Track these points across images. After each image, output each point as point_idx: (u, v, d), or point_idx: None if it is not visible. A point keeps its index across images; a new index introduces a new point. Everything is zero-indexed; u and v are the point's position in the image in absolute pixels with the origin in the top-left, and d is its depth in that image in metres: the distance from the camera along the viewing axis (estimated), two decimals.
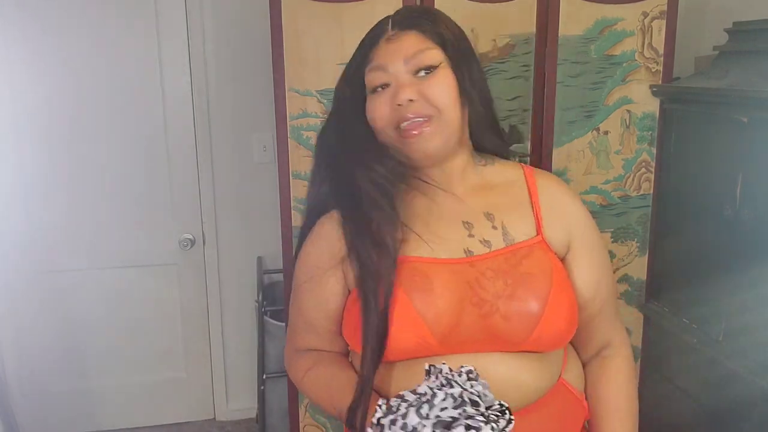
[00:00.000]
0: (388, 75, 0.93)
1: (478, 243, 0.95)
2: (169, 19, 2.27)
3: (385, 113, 0.93)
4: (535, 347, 0.92)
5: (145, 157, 2.35)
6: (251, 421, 2.59)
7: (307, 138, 1.70)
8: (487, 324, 0.90)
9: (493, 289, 0.91)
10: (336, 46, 1.65)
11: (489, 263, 0.93)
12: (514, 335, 0.90)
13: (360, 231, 0.93)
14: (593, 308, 1.02)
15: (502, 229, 0.97)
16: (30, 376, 2.43)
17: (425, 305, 0.89)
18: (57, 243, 2.35)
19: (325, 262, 0.99)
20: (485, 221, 0.97)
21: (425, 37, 0.93)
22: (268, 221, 2.33)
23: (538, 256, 0.95)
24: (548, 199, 1.00)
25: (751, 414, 1.46)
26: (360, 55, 0.98)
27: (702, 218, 1.65)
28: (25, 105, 2.23)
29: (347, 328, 0.99)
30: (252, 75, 2.32)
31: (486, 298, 0.90)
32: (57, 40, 2.20)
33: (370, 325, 0.89)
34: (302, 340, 1.06)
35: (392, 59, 0.92)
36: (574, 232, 1.01)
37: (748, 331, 1.50)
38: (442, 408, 0.76)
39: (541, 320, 0.90)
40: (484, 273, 0.92)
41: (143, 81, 2.29)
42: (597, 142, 1.82)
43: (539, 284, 0.92)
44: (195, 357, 2.56)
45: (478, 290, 0.91)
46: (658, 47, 1.79)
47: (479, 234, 0.95)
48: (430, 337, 0.88)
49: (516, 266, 0.93)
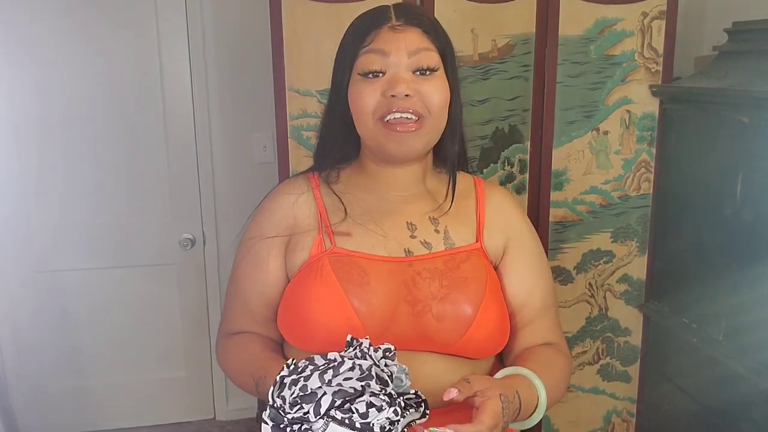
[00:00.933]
0: (386, 63, 0.91)
1: (419, 244, 0.97)
2: (169, 19, 2.27)
3: (372, 101, 0.92)
4: (465, 351, 0.94)
5: (145, 157, 2.34)
6: (251, 421, 2.59)
7: (307, 138, 1.70)
8: (419, 323, 0.91)
9: (428, 289, 0.93)
10: (336, 46, 1.64)
11: (427, 264, 0.95)
12: (446, 336, 0.92)
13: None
14: (525, 315, 1.03)
15: (444, 234, 0.99)
16: (30, 375, 2.43)
17: (359, 300, 0.90)
18: (57, 243, 2.34)
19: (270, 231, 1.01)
20: (429, 224, 0.99)
21: (428, 38, 0.93)
22: None
23: (475, 262, 0.97)
24: (492, 210, 1.04)
25: (751, 414, 1.46)
26: (356, 36, 0.95)
27: (702, 218, 1.65)
28: (25, 104, 2.23)
29: (282, 318, 0.99)
30: (252, 75, 2.32)
31: (420, 297, 0.92)
32: (56, 41, 2.20)
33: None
34: (236, 322, 1.05)
35: (396, 48, 0.91)
36: (511, 240, 1.04)
37: (748, 331, 1.50)
38: (347, 378, 0.73)
39: (473, 324, 0.92)
40: (421, 273, 0.94)
41: (143, 81, 2.29)
42: (597, 142, 1.83)
43: (474, 289, 0.94)
44: (195, 357, 2.55)
45: (413, 289, 0.93)
46: (657, 47, 1.79)
47: (421, 235, 0.98)
48: (362, 330, 0.89)
49: (453, 270, 0.95)
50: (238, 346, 1.03)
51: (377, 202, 1.00)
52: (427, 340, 0.92)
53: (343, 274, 0.92)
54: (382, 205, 1.00)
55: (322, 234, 0.97)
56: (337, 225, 0.97)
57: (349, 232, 0.96)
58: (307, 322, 0.92)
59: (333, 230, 0.97)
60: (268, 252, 1.00)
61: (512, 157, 1.81)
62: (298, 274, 0.97)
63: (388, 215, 0.99)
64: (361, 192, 1.01)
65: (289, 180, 1.07)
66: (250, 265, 1.02)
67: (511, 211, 1.06)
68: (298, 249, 0.98)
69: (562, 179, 1.83)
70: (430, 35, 0.94)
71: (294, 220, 1.00)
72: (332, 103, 1.00)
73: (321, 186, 1.02)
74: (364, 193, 1.01)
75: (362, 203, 1.00)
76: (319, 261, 0.94)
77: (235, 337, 1.04)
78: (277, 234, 0.99)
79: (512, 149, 1.81)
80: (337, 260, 0.93)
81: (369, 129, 0.93)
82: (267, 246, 1.00)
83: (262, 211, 1.04)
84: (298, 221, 1.00)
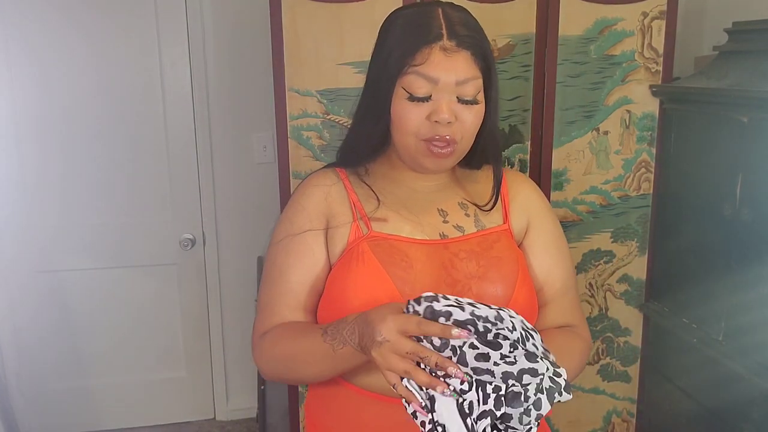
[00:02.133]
0: (435, 89, 0.91)
1: (452, 228, 1.00)
2: (169, 20, 2.27)
3: (417, 123, 0.92)
4: None
5: (146, 157, 2.35)
6: (251, 421, 2.59)
7: (307, 138, 1.71)
8: None
9: (466, 269, 0.95)
10: (336, 46, 1.65)
11: (462, 245, 0.98)
12: None
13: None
14: (544, 295, 1.06)
15: (474, 217, 1.02)
16: (30, 375, 2.43)
17: (404, 283, 0.91)
18: (57, 243, 2.35)
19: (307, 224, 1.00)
20: (459, 209, 1.02)
21: (475, 63, 0.93)
22: (268, 221, 2.32)
23: (505, 242, 1.01)
24: (515, 192, 1.07)
25: (751, 414, 1.46)
26: (405, 46, 0.92)
27: (702, 218, 1.65)
28: (25, 105, 2.23)
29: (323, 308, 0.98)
30: (252, 75, 2.32)
31: (459, 278, 0.95)
32: (57, 41, 2.20)
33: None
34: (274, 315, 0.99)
35: (446, 75, 0.90)
36: (532, 220, 1.07)
37: (748, 331, 1.50)
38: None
39: (510, 302, 0.94)
40: (458, 254, 0.96)
41: (143, 81, 2.29)
42: (597, 142, 1.83)
43: (508, 268, 0.97)
44: (195, 357, 2.56)
45: (452, 271, 0.95)
46: (657, 47, 1.79)
47: (453, 220, 1.01)
48: None
49: (487, 249, 0.98)
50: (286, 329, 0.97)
51: (407, 193, 1.02)
52: None
53: (386, 257, 0.93)
54: (411, 195, 1.02)
55: (357, 221, 0.98)
56: (372, 212, 0.99)
57: (385, 218, 0.98)
58: (350, 307, 0.91)
59: (369, 217, 0.98)
60: (313, 242, 0.99)
61: (512, 157, 1.81)
62: (337, 263, 0.97)
63: (418, 203, 1.01)
64: (390, 183, 1.03)
65: (317, 173, 1.06)
66: (295, 258, 0.99)
67: (532, 193, 1.09)
68: (336, 239, 0.98)
69: (562, 179, 1.83)
70: (478, 59, 0.93)
71: (328, 210, 1.00)
72: (368, 102, 0.99)
73: (350, 177, 1.03)
74: (392, 185, 1.02)
75: (392, 193, 1.02)
76: (359, 246, 0.95)
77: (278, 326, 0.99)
78: (316, 225, 1.00)
79: (512, 149, 1.81)
80: (377, 244, 0.95)
81: (408, 144, 0.95)
82: (310, 237, 0.99)
83: (294, 207, 1.03)
84: (332, 211, 1.00)
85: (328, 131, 1.71)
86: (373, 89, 0.96)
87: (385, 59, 0.93)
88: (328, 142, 1.71)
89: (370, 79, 0.98)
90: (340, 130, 1.71)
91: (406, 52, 0.91)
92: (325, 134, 1.71)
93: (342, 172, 1.04)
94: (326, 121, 1.70)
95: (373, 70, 0.98)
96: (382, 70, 0.93)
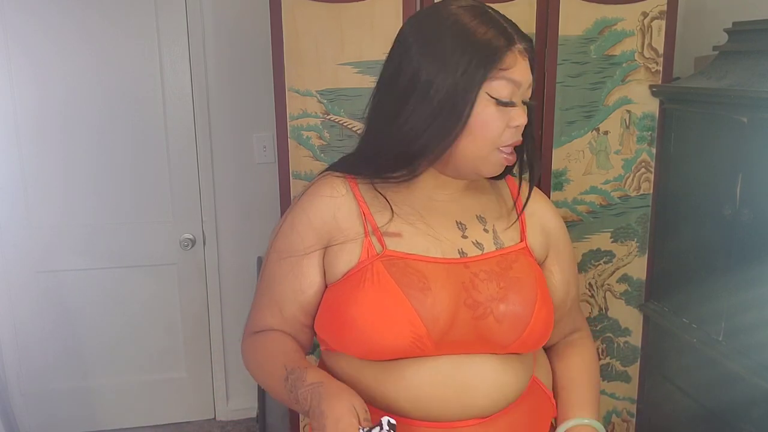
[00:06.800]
0: (517, 94, 0.89)
1: (471, 244, 0.95)
2: (169, 20, 2.27)
3: (500, 129, 0.89)
4: (518, 349, 0.94)
5: (146, 157, 2.35)
6: (251, 421, 2.59)
7: (307, 138, 1.71)
8: (479, 326, 0.90)
9: (487, 291, 0.91)
10: (336, 46, 1.65)
11: (482, 265, 0.93)
12: (504, 338, 0.91)
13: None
14: (564, 308, 1.06)
15: (493, 233, 0.98)
16: (30, 375, 2.43)
17: (422, 305, 0.87)
18: (57, 243, 2.35)
19: (310, 240, 0.95)
20: (477, 223, 0.98)
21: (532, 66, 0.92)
22: (268, 221, 2.32)
23: (523, 261, 0.97)
24: (530, 209, 1.03)
25: (751, 414, 1.46)
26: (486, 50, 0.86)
27: (702, 218, 1.65)
28: (25, 105, 2.23)
29: (324, 326, 0.96)
30: (252, 75, 2.32)
31: (480, 300, 0.90)
32: (57, 41, 2.20)
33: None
34: (265, 323, 1.00)
35: (525, 80, 0.89)
36: (551, 240, 1.05)
37: (748, 331, 1.50)
38: None
39: (530, 324, 0.92)
40: (478, 275, 0.92)
41: (143, 81, 2.29)
42: (597, 142, 1.83)
43: (528, 289, 0.93)
44: (195, 357, 2.56)
45: (472, 292, 0.91)
46: (657, 47, 1.79)
47: (472, 235, 0.96)
48: (427, 337, 0.87)
49: (507, 270, 0.94)
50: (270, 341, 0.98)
51: (422, 201, 0.96)
52: (484, 342, 0.91)
53: (402, 278, 0.88)
54: (428, 204, 0.96)
55: (369, 236, 0.92)
56: (384, 226, 0.93)
57: (399, 233, 0.92)
58: (363, 330, 0.88)
59: (381, 232, 0.93)
60: (308, 260, 0.95)
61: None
62: (346, 281, 0.92)
63: (435, 214, 0.96)
64: (404, 190, 0.96)
65: (324, 180, 0.98)
66: (286, 271, 0.96)
67: (548, 211, 1.07)
68: (343, 255, 0.93)
69: (562, 179, 1.83)
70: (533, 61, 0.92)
71: (335, 223, 0.94)
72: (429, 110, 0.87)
73: (360, 185, 0.96)
74: (407, 192, 0.96)
75: (407, 201, 0.95)
76: (373, 266, 0.90)
77: (265, 333, 1.00)
78: (317, 240, 0.95)
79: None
80: (392, 264, 0.90)
81: (481, 153, 0.89)
82: (306, 260, 0.95)
83: (300, 218, 0.96)
84: (340, 225, 0.94)
85: (328, 131, 1.71)
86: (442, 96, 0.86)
87: (465, 63, 0.85)
88: (328, 142, 1.71)
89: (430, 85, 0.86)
90: (340, 130, 1.71)
91: (492, 55, 0.85)
92: (325, 134, 1.71)
93: (351, 179, 0.97)
94: (326, 121, 1.70)
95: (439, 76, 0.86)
96: (462, 75, 0.85)
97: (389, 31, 1.70)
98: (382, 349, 0.88)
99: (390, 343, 0.87)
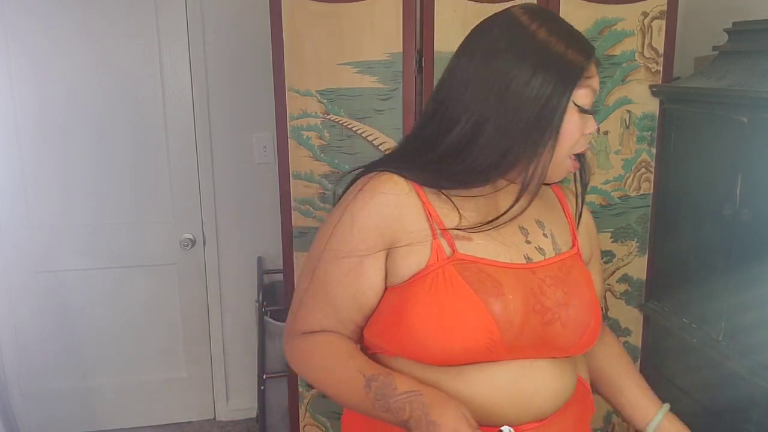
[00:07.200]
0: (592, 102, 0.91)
1: (534, 250, 0.95)
2: (170, 20, 2.27)
3: (579, 136, 0.90)
4: (576, 352, 0.96)
5: (146, 157, 2.35)
6: (251, 421, 2.59)
7: (307, 138, 1.71)
8: (545, 331, 0.90)
9: (554, 297, 0.91)
10: (336, 46, 1.65)
11: (547, 271, 0.93)
12: (566, 342, 0.92)
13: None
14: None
15: (552, 238, 0.98)
16: (30, 375, 2.43)
17: (498, 310, 0.86)
18: (57, 243, 2.35)
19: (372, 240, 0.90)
20: (537, 228, 0.97)
21: None
22: (268, 221, 2.33)
23: (579, 267, 0.98)
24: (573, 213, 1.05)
25: (751, 414, 1.46)
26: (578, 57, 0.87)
27: (702, 218, 1.65)
28: (26, 104, 2.23)
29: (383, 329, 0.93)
30: (252, 75, 2.32)
31: (549, 306, 0.90)
32: (57, 41, 2.20)
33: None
34: (317, 323, 0.95)
35: (597, 88, 0.91)
36: (593, 244, 1.08)
37: (748, 331, 1.50)
38: None
39: (589, 327, 0.94)
40: (545, 280, 0.92)
41: (144, 81, 2.29)
42: (597, 142, 1.82)
43: (587, 294, 0.95)
44: (195, 357, 2.56)
45: (541, 298, 0.90)
46: (658, 47, 1.79)
47: (534, 241, 0.96)
48: (501, 341, 0.86)
49: (567, 275, 0.95)
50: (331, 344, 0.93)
51: (486, 204, 0.94)
52: (546, 346, 0.91)
53: (477, 283, 0.86)
54: (492, 207, 0.94)
55: (438, 238, 0.89)
56: (454, 229, 0.90)
57: (469, 236, 0.90)
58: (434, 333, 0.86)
59: (452, 234, 0.89)
60: (370, 261, 0.90)
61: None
62: (412, 284, 0.88)
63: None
64: (468, 192, 0.93)
65: (384, 177, 0.91)
66: (345, 271, 0.91)
67: (589, 217, 1.09)
68: (410, 257, 0.89)
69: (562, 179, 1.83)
70: None
71: (400, 223, 0.89)
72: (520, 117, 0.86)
73: (423, 186, 0.92)
74: (469, 193, 0.93)
75: (471, 204, 0.93)
76: (444, 270, 0.87)
77: (321, 335, 0.95)
78: (380, 240, 0.90)
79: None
80: (465, 268, 0.87)
81: (556, 159, 0.90)
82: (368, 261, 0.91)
83: (359, 211, 0.90)
84: (405, 225, 0.89)
85: (328, 131, 1.71)
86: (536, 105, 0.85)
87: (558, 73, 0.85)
88: (328, 142, 1.71)
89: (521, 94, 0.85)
90: (340, 130, 1.71)
91: (581, 64, 0.86)
92: (325, 134, 1.71)
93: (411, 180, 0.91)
94: (326, 121, 1.70)
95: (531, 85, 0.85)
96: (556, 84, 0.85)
97: (389, 31, 1.71)
98: (452, 353, 0.87)
99: (463, 346, 0.86)
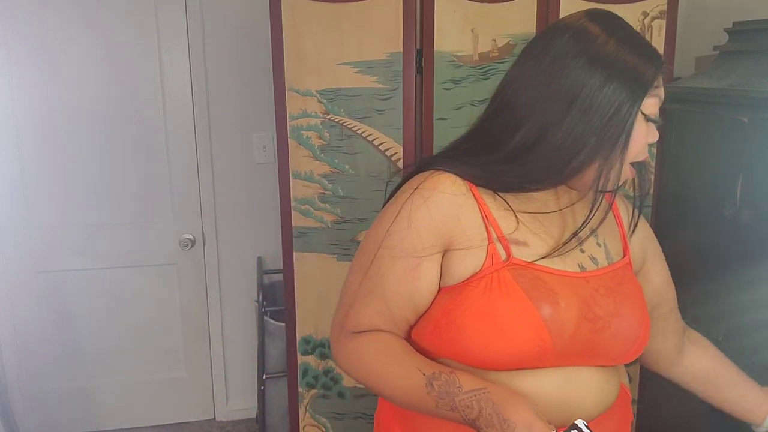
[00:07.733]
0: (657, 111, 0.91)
1: (588, 259, 0.94)
2: (169, 20, 2.27)
3: (644, 144, 0.90)
4: (622, 361, 0.96)
5: (146, 157, 2.35)
6: (251, 421, 2.59)
7: (307, 138, 1.71)
8: (595, 340, 0.90)
9: (606, 306, 0.91)
10: (336, 46, 1.65)
11: (600, 281, 0.93)
12: (615, 351, 0.93)
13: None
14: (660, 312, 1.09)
15: (605, 247, 0.97)
16: (30, 376, 2.43)
17: (551, 317, 0.86)
18: (57, 243, 2.35)
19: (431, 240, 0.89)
20: (591, 237, 0.96)
21: None
22: (268, 221, 2.33)
23: (630, 276, 0.98)
24: (626, 220, 1.04)
25: None
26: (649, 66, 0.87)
27: (702, 218, 1.65)
28: (26, 105, 2.23)
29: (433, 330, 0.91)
30: (252, 75, 2.32)
31: (600, 315, 0.90)
32: (57, 41, 2.20)
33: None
34: (369, 322, 0.93)
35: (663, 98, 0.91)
36: (649, 246, 1.08)
37: (748, 331, 1.49)
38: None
39: (639, 338, 0.94)
40: (598, 290, 0.92)
41: (143, 81, 2.29)
42: None
43: (638, 304, 0.95)
44: (195, 357, 2.56)
45: (593, 307, 0.90)
46: (658, 47, 1.79)
47: (588, 250, 0.95)
48: (551, 348, 0.86)
49: (619, 285, 0.94)
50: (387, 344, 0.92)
51: (540, 210, 0.94)
52: (594, 355, 0.91)
53: (531, 289, 0.86)
54: (548, 217, 0.94)
55: (494, 242, 0.88)
56: (511, 233, 0.89)
57: (525, 242, 0.90)
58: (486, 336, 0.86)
59: (508, 239, 0.89)
60: (428, 262, 0.90)
61: None
62: (466, 286, 0.88)
63: (555, 225, 0.94)
64: (523, 195, 0.93)
65: (441, 176, 0.90)
66: (402, 271, 0.90)
67: (644, 224, 1.07)
68: (467, 259, 0.89)
69: None
70: None
71: (458, 224, 0.89)
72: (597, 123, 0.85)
73: (479, 188, 0.91)
74: (525, 197, 0.93)
75: (526, 209, 0.92)
76: (499, 275, 0.86)
77: (375, 334, 0.94)
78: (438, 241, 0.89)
79: None
80: (520, 274, 0.87)
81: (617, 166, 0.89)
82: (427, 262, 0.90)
83: (417, 209, 0.89)
84: (463, 227, 0.89)
85: (328, 131, 1.71)
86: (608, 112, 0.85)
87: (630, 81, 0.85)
88: (328, 141, 1.71)
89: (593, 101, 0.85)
90: (340, 129, 1.71)
91: (651, 72, 0.87)
92: (325, 134, 1.71)
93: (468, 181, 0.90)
94: (326, 121, 1.70)
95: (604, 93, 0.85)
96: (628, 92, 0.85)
97: (389, 31, 1.71)
98: (502, 357, 0.87)
99: (513, 351, 0.86)
